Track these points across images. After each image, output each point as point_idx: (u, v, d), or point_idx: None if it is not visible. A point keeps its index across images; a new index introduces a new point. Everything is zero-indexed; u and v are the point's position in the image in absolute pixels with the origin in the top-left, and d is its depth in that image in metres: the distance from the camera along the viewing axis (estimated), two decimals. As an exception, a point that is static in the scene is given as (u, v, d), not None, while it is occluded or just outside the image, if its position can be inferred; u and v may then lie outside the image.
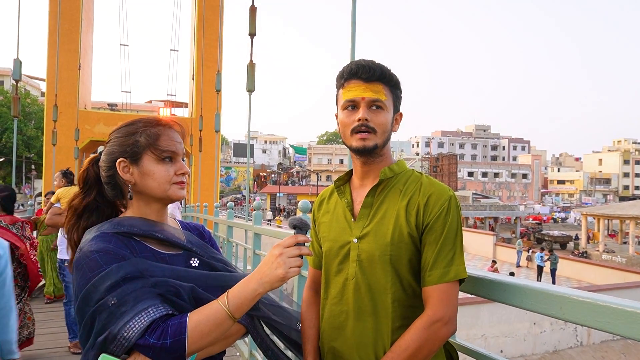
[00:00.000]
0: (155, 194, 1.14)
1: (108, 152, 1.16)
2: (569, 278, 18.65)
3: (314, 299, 1.37)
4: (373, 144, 1.20)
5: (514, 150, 79.19)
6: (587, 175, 72.95)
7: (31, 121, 33.84)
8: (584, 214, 30.83)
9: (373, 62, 1.23)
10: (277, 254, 1.06)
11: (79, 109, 18.47)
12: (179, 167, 1.16)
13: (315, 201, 1.45)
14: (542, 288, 0.97)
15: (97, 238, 1.06)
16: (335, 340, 1.23)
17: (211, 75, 15.63)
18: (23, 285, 3.69)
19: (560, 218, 47.84)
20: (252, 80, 6.93)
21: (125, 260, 1.03)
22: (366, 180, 1.27)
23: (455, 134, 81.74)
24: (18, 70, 8.85)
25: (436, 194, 1.17)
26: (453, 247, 1.13)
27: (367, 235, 1.20)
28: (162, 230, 1.15)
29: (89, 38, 21.01)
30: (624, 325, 0.82)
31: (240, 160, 64.87)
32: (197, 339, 0.98)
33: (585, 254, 26.33)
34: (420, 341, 1.09)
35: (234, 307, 1.02)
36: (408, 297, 1.17)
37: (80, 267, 1.02)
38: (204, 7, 18.43)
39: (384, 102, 1.21)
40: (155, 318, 0.97)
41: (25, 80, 36.97)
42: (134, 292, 0.98)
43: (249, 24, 6.98)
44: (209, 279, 1.13)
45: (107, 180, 1.17)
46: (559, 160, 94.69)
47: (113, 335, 0.95)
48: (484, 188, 62.27)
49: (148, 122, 1.16)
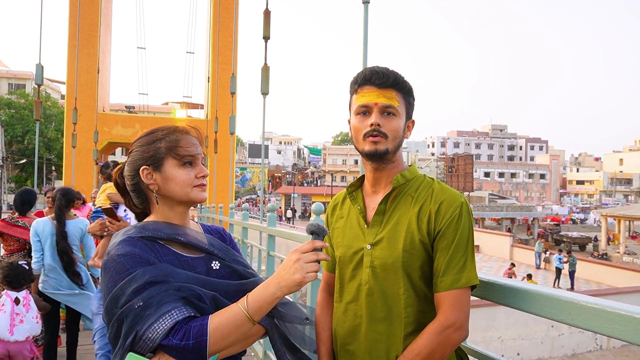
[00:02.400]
0: (178, 197, 1.18)
1: (131, 161, 1.21)
2: (589, 280, 18.28)
3: (327, 302, 1.39)
4: (384, 148, 1.21)
5: (532, 150, 77.90)
6: (608, 176, 71.31)
7: (52, 123, 34.56)
8: (604, 215, 30.19)
9: (387, 68, 1.24)
10: (294, 259, 1.08)
11: (97, 111, 18.82)
12: (199, 170, 1.20)
13: (328, 206, 1.47)
14: (550, 293, 0.98)
15: (123, 242, 1.11)
16: (349, 343, 1.25)
17: (226, 77, 15.77)
18: None
19: (579, 219, 46.83)
20: (266, 83, 6.98)
21: (150, 264, 1.07)
22: (378, 186, 1.29)
23: (471, 133, 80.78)
24: (40, 75, 9.06)
25: (448, 201, 1.18)
26: (465, 253, 1.14)
27: (380, 242, 1.21)
28: (185, 234, 1.19)
29: (107, 42, 21.38)
30: (633, 332, 0.82)
31: (255, 161, 65.18)
32: (217, 340, 1.02)
33: (605, 256, 25.76)
34: (432, 346, 1.10)
35: (253, 310, 1.06)
36: (420, 303, 1.18)
37: (108, 270, 1.08)
38: (219, 10, 18.61)
39: (397, 109, 1.22)
40: (178, 320, 1.01)
41: (46, 83, 37.78)
42: (158, 295, 1.03)
43: (263, 27, 7.04)
44: (229, 286, 1.16)
45: (132, 189, 1.22)
46: (578, 160, 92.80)
47: (139, 336, 1.00)
48: (501, 188, 61.38)
49: (167, 129, 1.21)
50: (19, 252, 3.89)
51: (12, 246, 3.90)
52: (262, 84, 7.03)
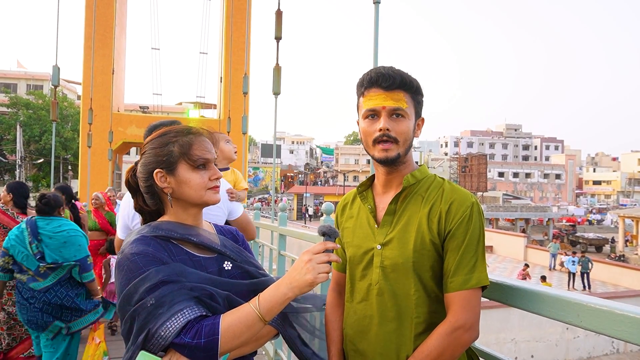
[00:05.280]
0: (192, 200, 1.20)
1: (144, 163, 1.22)
2: (605, 282, 17.95)
3: (337, 302, 1.40)
4: (395, 154, 1.21)
5: (547, 150, 76.74)
6: (625, 176, 69.94)
7: (68, 123, 35.13)
8: (621, 216, 29.63)
9: (392, 68, 1.22)
10: (306, 259, 1.08)
11: (112, 111, 19.06)
12: (213, 173, 1.21)
13: (338, 205, 1.47)
14: (559, 295, 0.97)
15: (137, 241, 1.13)
16: (359, 343, 1.25)
17: (239, 77, 15.85)
18: None
19: (595, 220, 46.04)
20: (277, 83, 6.99)
21: (163, 263, 1.08)
22: (389, 187, 1.28)
23: (485, 133, 79.87)
24: (56, 76, 9.19)
25: (458, 201, 1.17)
26: (475, 254, 1.14)
27: (390, 242, 1.21)
28: (198, 234, 1.21)
29: (122, 43, 21.65)
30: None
31: (268, 161, 65.33)
32: (229, 339, 1.03)
33: (623, 258, 25.28)
34: (442, 347, 1.10)
35: (265, 310, 1.07)
36: (431, 303, 1.18)
37: (122, 268, 1.09)
38: (232, 11, 18.72)
39: (405, 110, 1.21)
40: (190, 319, 1.02)
41: (63, 84, 38.41)
42: (170, 293, 1.04)
43: (275, 27, 7.04)
44: (241, 286, 1.17)
45: (146, 190, 1.23)
46: (595, 160, 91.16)
47: (151, 334, 1.01)
48: (515, 189, 60.61)
49: (179, 132, 1.22)
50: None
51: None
52: (273, 84, 7.05)
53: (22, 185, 3.86)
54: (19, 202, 3.72)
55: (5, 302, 3.38)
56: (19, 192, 3.75)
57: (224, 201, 2.27)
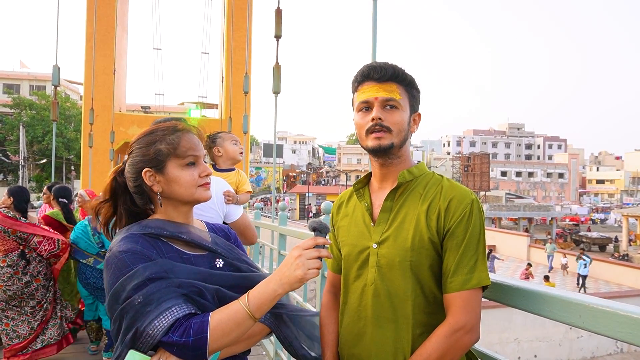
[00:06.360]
0: (182, 198, 1.18)
1: (132, 162, 1.19)
2: (608, 282, 17.90)
3: (333, 304, 1.37)
4: (389, 142, 1.19)
5: (550, 149, 76.60)
6: (629, 175, 69.71)
7: (71, 124, 35.25)
8: (625, 215, 29.56)
9: (386, 62, 1.22)
10: (296, 255, 1.06)
11: (114, 112, 19.10)
12: (202, 170, 1.19)
13: (334, 204, 1.44)
14: (560, 295, 0.95)
15: (125, 239, 1.11)
16: (355, 346, 1.22)
17: (240, 77, 15.85)
18: (47, 284, 3.72)
19: (599, 219, 45.89)
20: (277, 82, 6.99)
21: (151, 261, 1.07)
22: (385, 183, 1.26)
23: (487, 132, 79.79)
24: (57, 76, 9.22)
25: (457, 198, 1.14)
26: (475, 253, 1.11)
27: (386, 241, 1.18)
28: (188, 232, 1.19)
29: (123, 43, 21.69)
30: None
31: (270, 161, 65.41)
32: (218, 337, 1.01)
33: (627, 257, 25.20)
34: (442, 350, 1.07)
35: (255, 307, 1.04)
36: (429, 304, 1.15)
37: (110, 266, 1.08)
38: (232, 10, 18.73)
39: (398, 101, 1.19)
40: (178, 317, 1.01)
41: (65, 84, 38.53)
42: (158, 291, 1.02)
43: (275, 26, 7.04)
44: (232, 279, 1.16)
45: (135, 190, 1.20)
46: (598, 159, 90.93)
47: (139, 332, 1.00)
48: (518, 188, 60.50)
49: (166, 129, 1.19)
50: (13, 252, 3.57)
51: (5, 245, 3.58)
52: (273, 83, 7.05)
53: (22, 190, 3.98)
54: (20, 206, 3.82)
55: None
56: (20, 196, 3.86)
57: (219, 203, 2.21)
